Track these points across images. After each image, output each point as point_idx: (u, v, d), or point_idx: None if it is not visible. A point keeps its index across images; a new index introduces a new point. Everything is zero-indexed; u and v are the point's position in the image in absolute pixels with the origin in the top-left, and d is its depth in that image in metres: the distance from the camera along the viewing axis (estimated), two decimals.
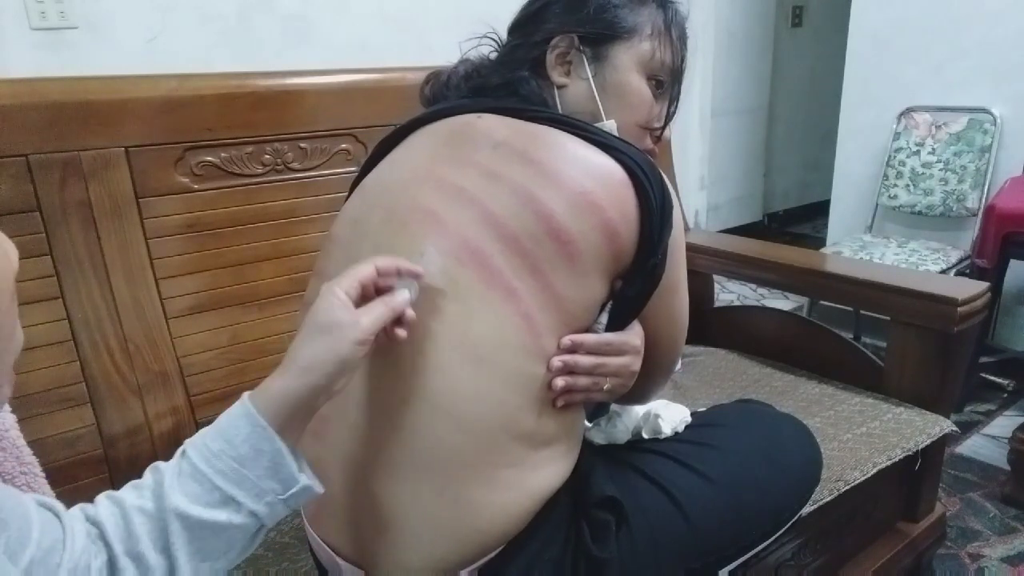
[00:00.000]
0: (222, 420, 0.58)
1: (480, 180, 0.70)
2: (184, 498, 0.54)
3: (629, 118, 0.81)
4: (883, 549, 1.29)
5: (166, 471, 0.56)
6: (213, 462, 0.55)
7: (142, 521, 0.54)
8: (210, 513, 0.55)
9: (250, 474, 0.56)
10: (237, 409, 0.58)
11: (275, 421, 0.57)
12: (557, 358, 0.68)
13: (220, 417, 0.59)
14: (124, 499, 0.56)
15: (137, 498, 0.55)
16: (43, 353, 1.02)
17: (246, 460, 0.56)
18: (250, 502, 0.56)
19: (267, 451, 0.56)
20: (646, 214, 0.70)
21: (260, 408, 0.57)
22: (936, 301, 1.20)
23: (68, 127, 1.01)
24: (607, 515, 0.71)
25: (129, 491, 0.57)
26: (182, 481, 0.55)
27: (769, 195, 4.26)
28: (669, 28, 0.82)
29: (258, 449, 0.56)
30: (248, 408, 0.57)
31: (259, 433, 0.56)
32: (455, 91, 0.83)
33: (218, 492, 0.55)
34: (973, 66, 2.34)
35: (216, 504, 0.55)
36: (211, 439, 0.57)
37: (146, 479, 0.57)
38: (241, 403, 0.58)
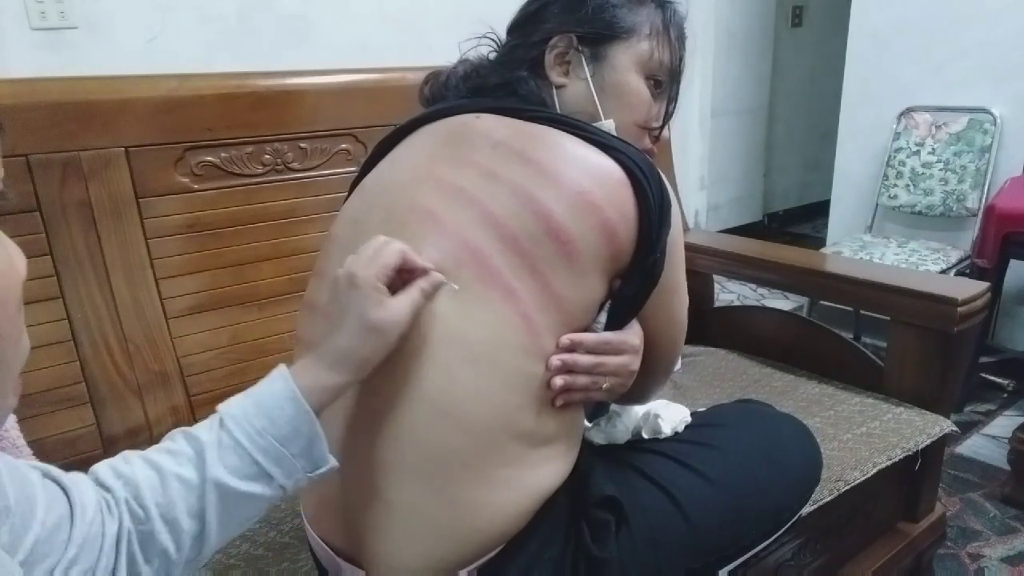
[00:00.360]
0: (264, 397, 0.60)
1: (479, 180, 0.70)
2: (224, 470, 0.57)
3: (628, 118, 0.82)
4: (883, 549, 1.29)
5: (206, 442, 0.58)
6: (256, 439, 0.58)
7: (179, 488, 0.56)
8: (247, 486, 0.58)
9: (288, 453, 0.59)
10: (280, 389, 0.60)
11: (315, 406, 0.60)
12: (556, 357, 0.68)
13: (259, 390, 0.60)
14: (162, 465, 0.57)
15: (176, 465, 0.57)
16: (43, 353, 1.02)
17: (287, 440, 0.59)
18: (283, 478, 0.59)
19: (306, 433, 0.60)
20: (645, 213, 0.70)
21: (306, 391, 0.60)
22: (936, 301, 1.20)
23: (68, 127, 1.01)
24: (607, 515, 0.71)
25: (165, 456, 0.58)
26: (223, 453, 0.57)
27: (769, 195, 4.26)
28: (667, 28, 0.82)
29: (298, 430, 0.59)
30: (294, 391, 0.59)
31: (302, 417, 0.59)
32: (454, 91, 0.83)
33: (257, 467, 0.58)
34: (973, 66, 2.34)
35: (253, 477, 0.58)
36: (254, 416, 0.58)
37: (181, 446, 0.58)
38: (284, 382, 0.60)
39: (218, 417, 0.59)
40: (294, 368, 0.62)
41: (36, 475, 0.52)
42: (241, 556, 0.95)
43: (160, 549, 0.55)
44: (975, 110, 2.36)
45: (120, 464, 0.57)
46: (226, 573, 0.92)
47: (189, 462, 0.57)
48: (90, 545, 0.51)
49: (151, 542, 0.55)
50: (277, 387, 0.60)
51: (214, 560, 0.94)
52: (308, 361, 0.62)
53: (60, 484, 0.53)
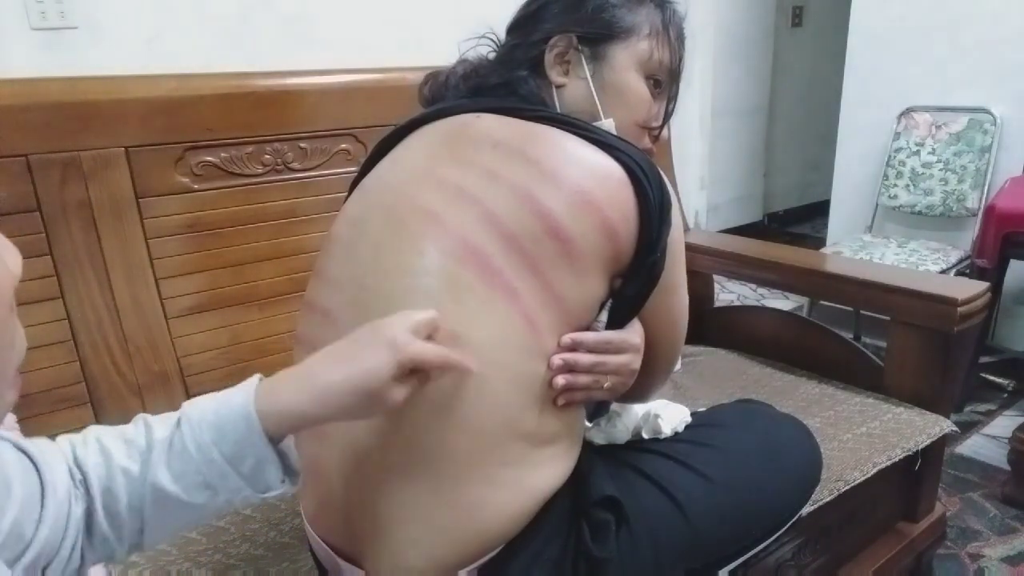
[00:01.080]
0: (222, 408, 0.57)
1: (479, 180, 0.70)
2: (168, 475, 0.55)
3: (627, 117, 0.82)
4: (883, 549, 1.29)
5: (156, 440, 0.56)
6: (203, 450, 0.56)
7: (124, 482, 0.55)
8: (188, 494, 0.56)
9: (232, 472, 0.56)
10: (239, 405, 0.57)
11: (276, 431, 0.57)
12: (557, 356, 0.68)
13: (222, 399, 0.58)
14: (112, 454, 0.55)
15: (126, 457, 0.55)
16: (43, 353, 1.02)
17: (234, 459, 0.56)
18: (226, 493, 0.57)
19: (256, 455, 0.57)
20: (645, 213, 0.70)
21: (263, 414, 0.56)
22: (936, 301, 1.20)
23: (68, 127, 1.01)
24: (607, 515, 0.71)
25: (119, 444, 0.56)
26: (171, 456, 0.55)
27: (769, 195, 4.26)
28: (667, 28, 0.82)
29: (246, 451, 0.56)
30: (249, 411, 0.56)
31: (254, 438, 0.56)
32: (454, 91, 0.83)
33: (200, 477, 0.56)
34: (973, 66, 2.34)
35: (196, 487, 0.56)
36: (208, 426, 0.56)
37: (138, 438, 0.56)
38: (244, 399, 0.57)
39: (178, 415, 0.57)
40: (267, 383, 0.59)
41: (10, 450, 0.50)
42: (241, 556, 0.95)
43: (102, 535, 0.54)
44: (975, 110, 2.36)
45: (78, 444, 0.56)
46: (226, 573, 0.92)
47: (138, 455, 0.55)
48: (58, 525, 0.51)
49: (96, 527, 0.54)
50: (236, 401, 0.57)
51: (214, 560, 0.94)
52: (284, 379, 0.59)
53: (31, 459, 0.51)
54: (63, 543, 0.51)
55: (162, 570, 0.93)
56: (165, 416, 0.58)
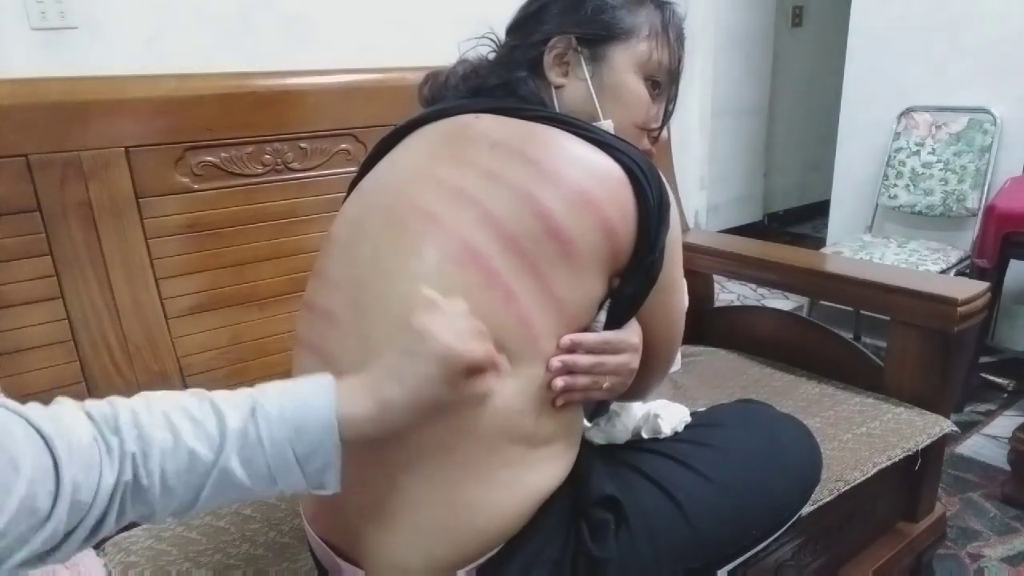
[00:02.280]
0: (301, 408, 0.58)
1: (479, 180, 0.70)
2: (238, 463, 0.56)
3: (626, 118, 0.82)
4: (883, 549, 1.29)
5: (231, 428, 0.57)
6: (277, 446, 0.57)
7: (188, 462, 0.55)
8: (251, 482, 0.57)
9: (299, 470, 0.58)
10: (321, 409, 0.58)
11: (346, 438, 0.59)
12: (556, 358, 0.68)
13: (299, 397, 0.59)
14: (181, 433, 0.55)
15: (194, 438, 0.56)
16: (43, 353, 1.02)
17: (305, 458, 0.58)
18: (284, 485, 0.59)
19: (324, 458, 0.59)
20: (644, 213, 0.70)
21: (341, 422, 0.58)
22: (936, 301, 1.20)
23: (68, 127, 1.01)
24: (606, 514, 0.71)
25: (186, 423, 0.56)
26: (243, 445, 0.57)
27: (769, 195, 4.26)
28: (666, 29, 0.82)
29: (318, 454, 0.58)
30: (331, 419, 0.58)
31: (328, 444, 0.58)
32: (453, 91, 0.83)
33: (267, 469, 0.57)
34: (973, 66, 2.34)
35: (259, 477, 0.57)
36: (284, 425, 0.57)
37: (207, 422, 0.57)
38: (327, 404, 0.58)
39: (251, 404, 0.58)
40: (342, 390, 0.60)
41: (19, 425, 0.50)
42: (241, 556, 0.95)
43: (148, 502, 0.55)
44: (975, 110, 2.36)
45: (142, 414, 0.55)
46: (226, 573, 0.92)
47: (207, 440, 0.56)
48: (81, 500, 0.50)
49: (143, 496, 0.54)
50: (319, 405, 0.58)
51: (214, 560, 0.94)
52: (358, 390, 0.60)
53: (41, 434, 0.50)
54: (88, 513, 0.51)
55: (162, 570, 0.93)
56: (233, 399, 0.58)
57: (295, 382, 0.61)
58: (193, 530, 1.00)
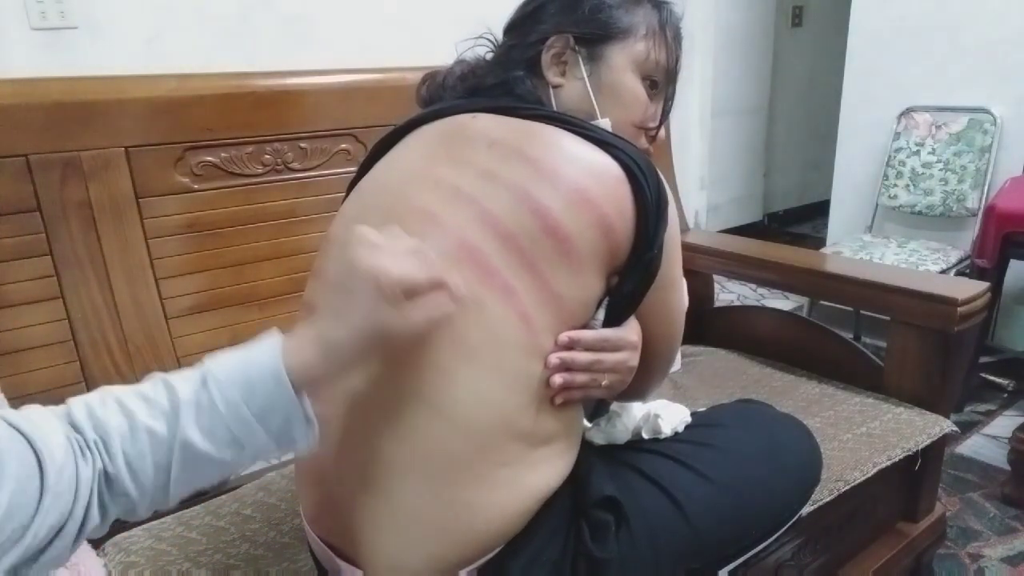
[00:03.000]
0: (250, 366, 0.57)
1: (476, 179, 0.70)
2: (197, 432, 0.56)
3: (624, 117, 0.82)
4: (883, 549, 1.29)
5: (184, 399, 0.56)
6: (232, 407, 0.56)
7: (149, 441, 0.55)
8: (217, 451, 0.56)
9: (261, 428, 0.57)
10: (267, 362, 0.57)
11: (300, 388, 0.58)
12: (555, 355, 0.68)
13: (246, 357, 0.58)
14: (135, 413, 0.55)
15: (149, 416, 0.55)
16: (43, 353, 1.02)
17: (263, 415, 0.57)
18: (253, 449, 0.58)
19: (283, 412, 0.58)
20: (642, 210, 0.70)
21: (289, 371, 0.57)
22: (936, 301, 1.20)
23: (68, 127, 1.01)
24: (607, 515, 0.71)
25: (139, 403, 0.56)
26: (199, 414, 0.56)
27: (769, 195, 4.26)
28: (664, 28, 0.82)
29: (275, 408, 0.57)
30: (278, 369, 0.57)
31: (283, 395, 0.57)
32: (451, 91, 0.83)
33: (229, 434, 0.57)
34: (973, 66, 2.34)
35: (224, 444, 0.57)
36: (236, 384, 0.57)
37: (159, 398, 0.56)
38: (272, 357, 0.58)
39: (201, 374, 0.57)
40: (287, 342, 0.59)
41: (2, 427, 0.50)
42: (241, 556, 0.95)
43: (123, 491, 0.55)
44: (975, 110, 2.36)
45: (96, 405, 0.56)
46: (226, 573, 0.92)
47: (162, 416, 0.56)
48: (64, 493, 0.51)
49: (115, 486, 0.54)
50: (265, 359, 0.58)
51: (214, 560, 0.94)
52: (303, 339, 0.59)
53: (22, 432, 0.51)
54: (75, 506, 0.51)
55: (162, 570, 0.93)
56: (183, 375, 0.58)
57: (244, 346, 0.60)
58: (193, 530, 1.00)
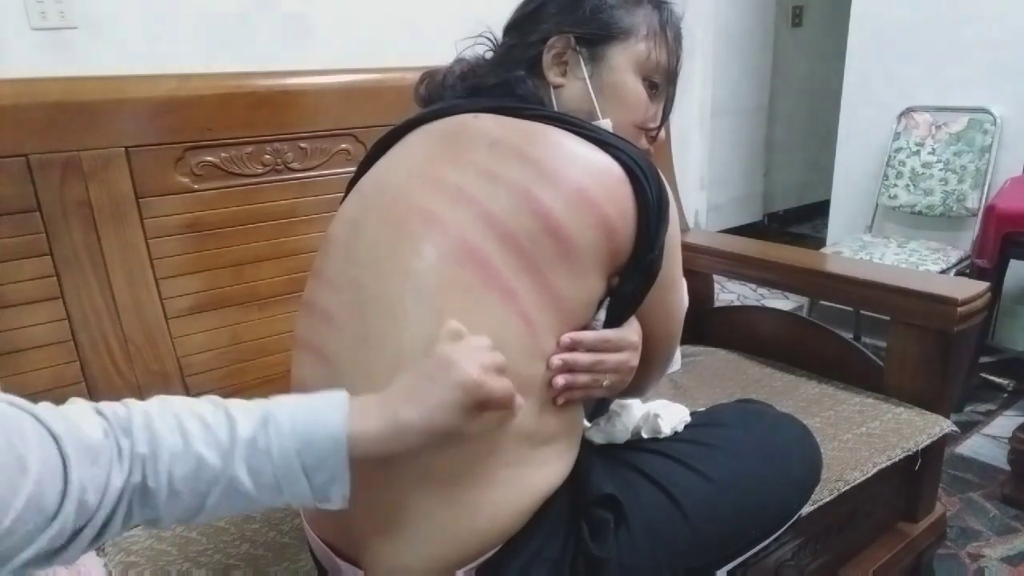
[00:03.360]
0: (312, 423, 0.58)
1: (477, 179, 0.70)
2: (245, 471, 0.56)
3: (625, 118, 0.82)
4: (883, 549, 1.29)
5: (240, 437, 0.56)
6: (285, 457, 0.57)
7: (196, 468, 0.55)
8: (258, 492, 0.57)
9: (306, 482, 0.58)
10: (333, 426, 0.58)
11: (355, 454, 0.59)
12: (556, 356, 0.68)
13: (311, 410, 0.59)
14: (191, 438, 0.55)
15: (204, 445, 0.56)
16: (43, 353, 1.02)
17: (312, 470, 0.58)
18: (290, 497, 0.59)
19: (331, 472, 0.58)
20: (643, 210, 0.70)
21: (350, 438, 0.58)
22: (936, 301, 1.20)
23: (68, 127, 1.01)
24: (606, 514, 0.71)
25: (198, 427, 0.56)
26: (251, 453, 0.57)
27: (769, 195, 4.26)
28: (664, 29, 0.82)
29: (326, 467, 0.58)
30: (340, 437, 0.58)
31: (338, 460, 0.58)
32: (451, 91, 0.83)
33: (274, 479, 0.57)
34: (973, 66, 2.34)
35: (266, 487, 0.57)
36: (295, 437, 0.57)
37: (219, 429, 0.57)
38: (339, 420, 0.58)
39: (263, 414, 0.58)
40: (355, 405, 0.60)
41: (28, 423, 0.50)
42: (241, 556, 0.95)
43: (154, 505, 0.55)
44: (975, 110, 2.36)
45: (155, 416, 0.55)
46: (226, 573, 0.92)
47: (217, 446, 0.56)
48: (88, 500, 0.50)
49: (149, 500, 0.55)
50: (330, 420, 0.58)
51: (214, 560, 0.94)
52: (373, 408, 0.60)
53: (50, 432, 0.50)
54: (97, 513, 0.51)
55: (162, 570, 0.93)
56: (246, 408, 0.59)
57: (310, 396, 0.61)
58: (193, 530, 1.00)
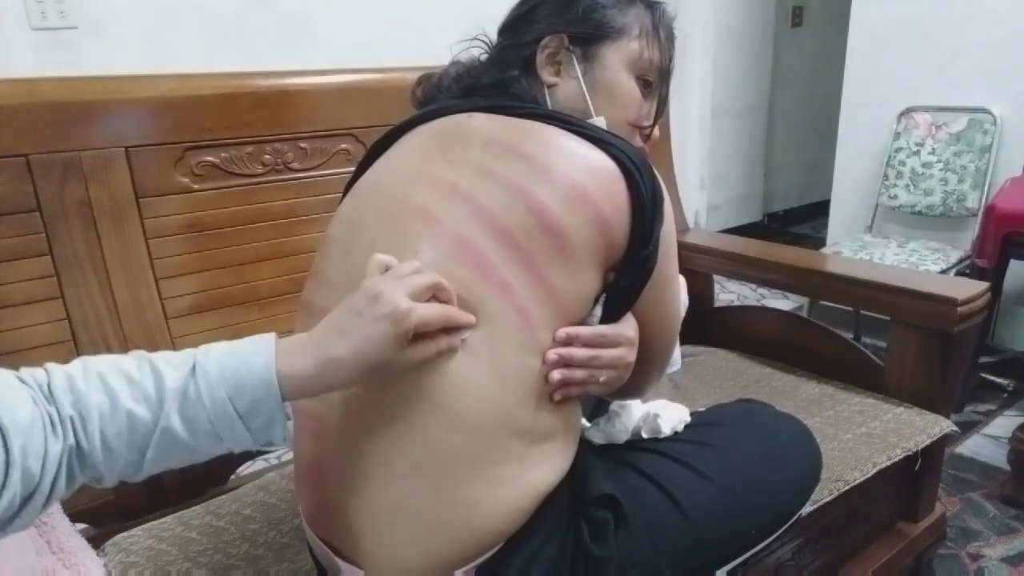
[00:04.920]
0: (241, 367, 0.58)
1: (473, 177, 0.71)
2: (179, 421, 0.57)
3: (619, 116, 0.82)
4: (883, 549, 1.29)
5: (169, 387, 0.57)
6: (217, 403, 0.57)
7: (128, 423, 0.56)
8: (194, 440, 0.58)
9: (242, 426, 0.59)
10: (260, 366, 0.58)
11: (288, 395, 0.59)
12: (552, 351, 0.68)
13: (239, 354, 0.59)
14: (118, 395, 0.55)
15: (131, 400, 0.56)
16: (43, 353, 1.02)
17: (247, 413, 0.58)
18: (230, 443, 0.59)
19: (267, 413, 0.59)
20: (638, 206, 0.70)
21: (281, 378, 0.58)
22: (936, 301, 1.20)
23: (68, 127, 1.01)
24: (606, 514, 0.71)
25: (123, 384, 0.56)
26: (184, 403, 0.57)
27: (769, 195, 4.26)
28: (657, 28, 0.83)
29: (260, 409, 0.59)
30: (271, 377, 0.58)
31: (271, 400, 0.59)
32: (446, 92, 0.84)
33: (210, 426, 0.58)
34: (973, 66, 2.34)
35: (203, 434, 0.58)
36: (225, 381, 0.58)
37: (145, 382, 0.57)
38: (266, 362, 0.59)
39: (191, 363, 0.58)
40: (282, 346, 0.60)
41: None
42: (241, 556, 0.95)
43: (93, 465, 0.55)
44: (975, 110, 2.36)
45: (78, 378, 0.55)
46: (226, 573, 0.92)
47: (145, 401, 0.56)
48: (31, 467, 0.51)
49: (86, 459, 0.55)
50: (258, 363, 0.59)
51: (214, 560, 0.94)
52: (300, 347, 0.61)
53: None
54: (42, 479, 0.52)
55: (162, 570, 0.93)
56: (171, 358, 0.59)
57: (238, 342, 0.61)
58: (193, 530, 1.00)
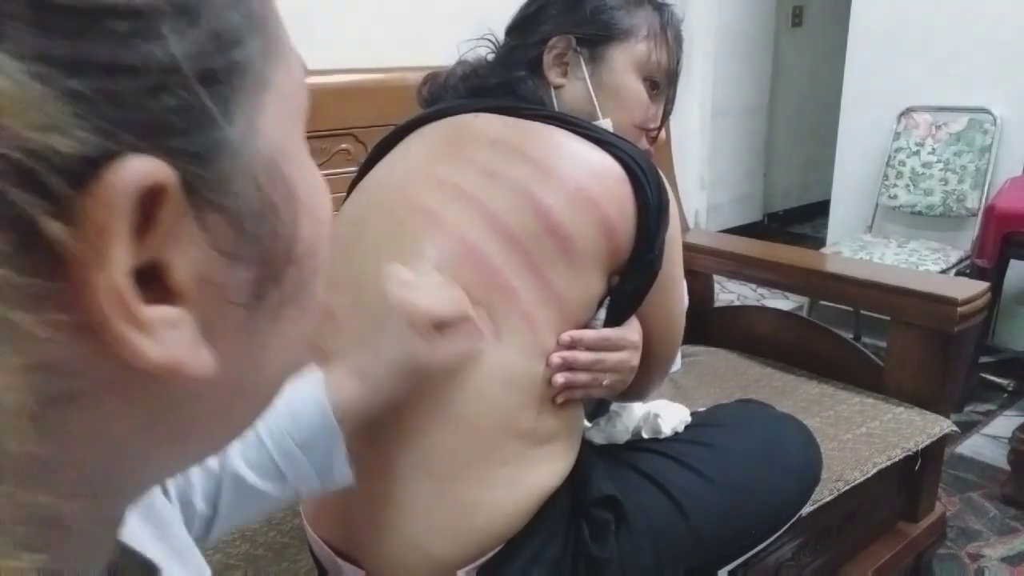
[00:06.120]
0: (294, 398, 0.58)
1: (478, 179, 0.70)
2: (243, 464, 0.57)
3: (625, 118, 0.82)
4: (883, 549, 1.29)
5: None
6: (277, 438, 0.57)
7: (198, 472, 0.56)
8: (262, 483, 0.57)
9: (305, 460, 0.58)
10: (313, 395, 0.59)
11: (342, 422, 0.59)
12: (556, 355, 0.68)
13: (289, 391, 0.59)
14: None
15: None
16: None
17: (307, 446, 0.58)
18: (296, 482, 0.59)
19: (325, 445, 0.59)
20: (643, 210, 0.70)
21: (334, 406, 0.58)
22: (936, 301, 1.20)
23: None
24: (606, 514, 0.71)
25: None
26: (245, 446, 0.57)
27: (769, 195, 4.25)
28: (665, 30, 0.83)
29: (319, 440, 0.58)
30: (323, 403, 0.58)
31: (327, 428, 0.58)
32: (452, 92, 0.83)
33: (273, 466, 0.57)
34: (973, 66, 2.34)
35: (269, 476, 0.58)
36: (280, 416, 0.58)
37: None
38: (317, 390, 0.59)
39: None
40: (328, 378, 0.61)
41: None
42: (241, 556, 0.95)
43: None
44: (975, 110, 2.35)
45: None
46: (226, 573, 0.92)
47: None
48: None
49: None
50: (308, 392, 0.59)
51: (214, 560, 0.94)
52: (340, 375, 0.61)
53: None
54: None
55: None
56: None
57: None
58: None
